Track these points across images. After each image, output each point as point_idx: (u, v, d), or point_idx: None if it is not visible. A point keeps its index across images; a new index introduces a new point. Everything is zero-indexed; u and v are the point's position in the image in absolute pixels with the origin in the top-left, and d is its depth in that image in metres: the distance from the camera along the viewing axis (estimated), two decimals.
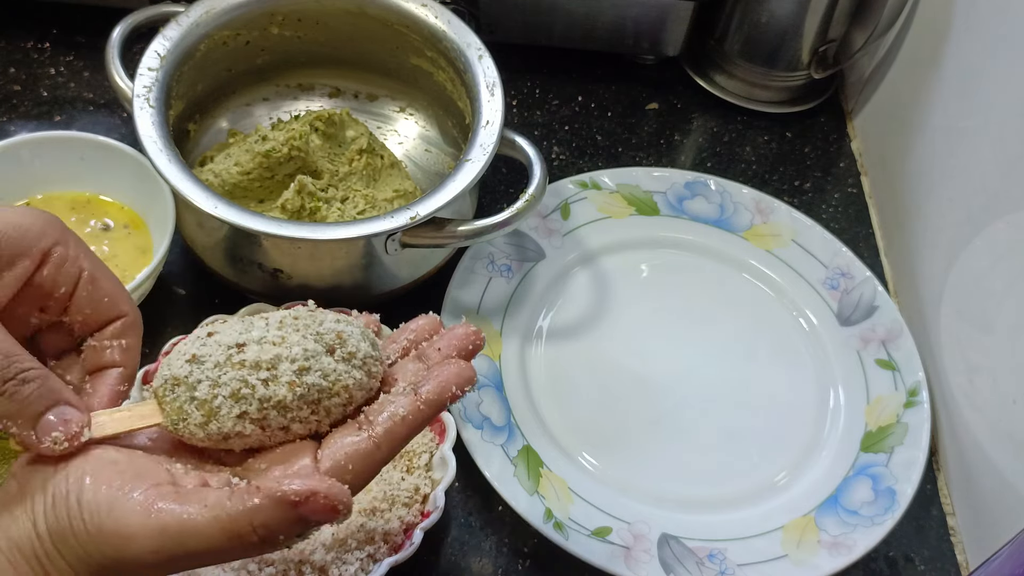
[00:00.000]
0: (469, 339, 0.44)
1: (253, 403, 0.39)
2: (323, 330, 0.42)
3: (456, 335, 0.44)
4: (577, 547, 0.57)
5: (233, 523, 0.35)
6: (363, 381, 0.41)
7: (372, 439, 0.39)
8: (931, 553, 0.63)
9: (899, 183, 0.76)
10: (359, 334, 0.42)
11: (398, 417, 0.40)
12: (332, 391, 0.40)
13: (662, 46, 0.83)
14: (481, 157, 0.61)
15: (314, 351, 0.41)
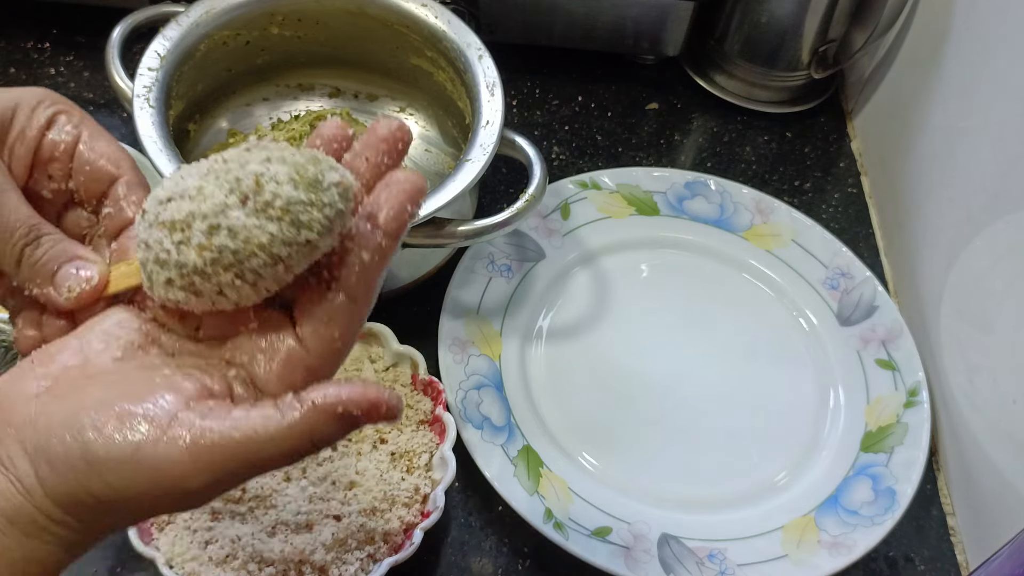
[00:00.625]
0: (396, 137, 0.38)
1: (172, 269, 0.35)
2: (242, 175, 0.35)
3: (380, 136, 0.38)
4: (577, 547, 0.57)
5: (294, 442, 0.33)
6: (287, 235, 0.34)
7: (347, 297, 0.36)
8: (931, 553, 0.63)
9: (899, 183, 0.76)
10: (287, 175, 0.35)
11: (365, 263, 0.36)
12: (246, 251, 0.34)
13: (662, 46, 0.83)
14: (481, 157, 0.61)
15: (223, 204, 0.34)
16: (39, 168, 0.40)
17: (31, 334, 0.39)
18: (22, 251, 0.38)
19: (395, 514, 0.55)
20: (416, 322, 0.66)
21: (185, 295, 0.36)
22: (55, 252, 0.38)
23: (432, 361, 0.63)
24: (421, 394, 0.60)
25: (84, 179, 0.40)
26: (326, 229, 0.35)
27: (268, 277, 0.35)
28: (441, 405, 0.59)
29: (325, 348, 0.36)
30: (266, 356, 0.36)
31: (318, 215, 0.34)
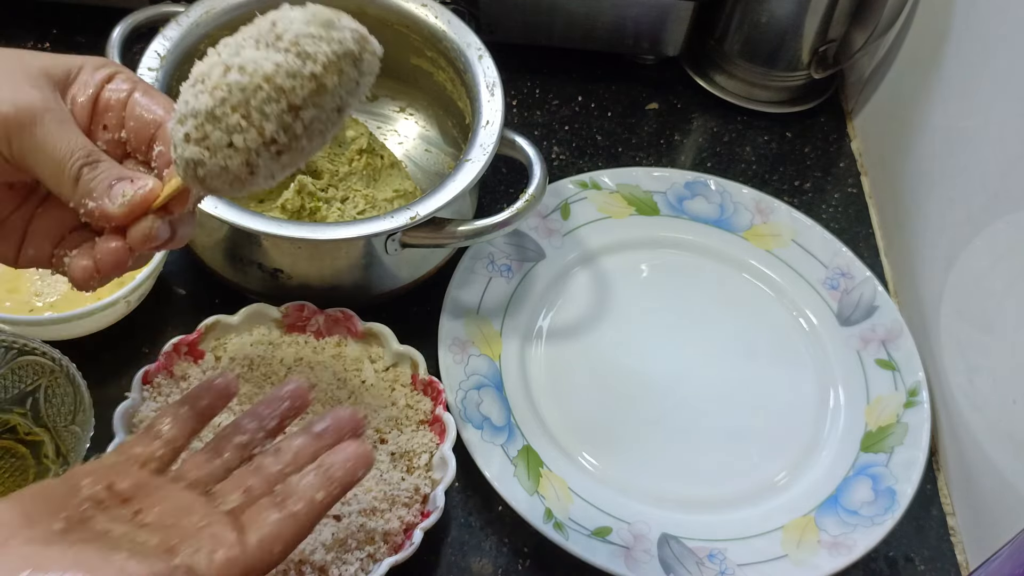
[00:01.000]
0: (357, 423, 0.47)
1: (188, 122, 0.36)
2: (262, 23, 0.35)
3: (343, 418, 0.47)
4: (577, 547, 0.57)
5: None
6: (291, 66, 0.34)
7: (296, 522, 0.41)
8: (931, 553, 0.63)
9: (899, 183, 0.76)
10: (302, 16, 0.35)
11: (315, 501, 0.42)
12: (252, 85, 0.34)
13: (662, 46, 0.83)
14: (481, 157, 0.61)
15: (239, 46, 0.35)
16: (96, 119, 0.42)
17: (84, 263, 0.42)
18: (80, 170, 0.40)
19: (395, 514, 0.55)
20: (416, 322, 0.66)
21: (199, 151, 0.36)
22: (112, 171, 0.41)
23: (432, 361, 0.63)
24: (421, 394, 0.60)
25: (134, 124, 0.42)
26: (332, 65, 0.35)
27: (273, 118, 0.35)
28: (441, 405, 0.59)
29: (265, 556, 0.40)
30: (209, 552, 0.39)
31: (325, 48, 0.35)
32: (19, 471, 0.57)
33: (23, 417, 0.58)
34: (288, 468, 0.44)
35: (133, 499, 0.41)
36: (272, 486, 0.43)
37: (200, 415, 0.47)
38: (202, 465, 0.45)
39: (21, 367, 0.57)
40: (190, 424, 0.46)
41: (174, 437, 0.45)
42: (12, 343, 0.57)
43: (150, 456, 0.44)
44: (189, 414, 0.46)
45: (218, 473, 0.44)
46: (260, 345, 0.60)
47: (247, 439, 0.46)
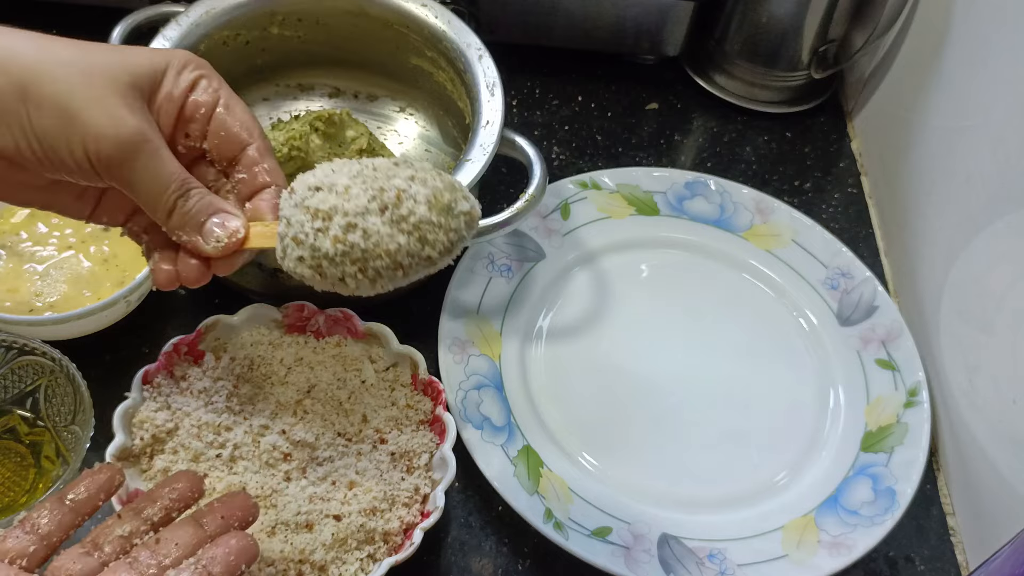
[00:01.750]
0: (248, 511, 0.46)
1: (306, 250, 0.40)
2: (387, 186, 0.40)
3: (235, 505, 0.46)
4: (577, 547, 0.57)
5: None
6: (412, 248, 0.40)
7: None
8: (931, 553, 0.63)
9: (899, 183, 0.76)
10: (424, 196, 0.40)
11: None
12: (374, 253, 0.39)
13: (662, 46, 0.83)
14: (481, 157, 0.61)
15: (364, 208, 0.39)
16: (180, 127, 0.43)
17: (167, 268, 0.44)
18: (175, 203, 0.42)
19: (395, 514, 0.55)
20: (416, 322, 0.66)
21: (311, 273, 0.41)
22: (203, 205, 0.42)
23: (432, 361, 0.63)
24: (421, 394, 0.60)
25: (219, 142, 0.43)
26: (447, 250, 0.41)
27: (386, 278, 0.40)
28: (441, 405, 0.59)
29: None
30: None
31: (443, 237, 0.40)
32: (19, 471, 0.57)
33: (23, 417, 0.58)
34: (166, 561, 0.43)
35: None
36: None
37: (78, 510, 0.45)
38: (77, 559, 0.43)
39: (21, 367, 0.57)
40: (68, 518, 0.44)
41: (49, 533, 0.43)
42: (12, 343, 0.57)
43: (21, 552, 0.42)
44: (68, 508, 0.44)
45: (92, 568, 0.42)
46: (260, 345, 0.60)
47: (128, 531, 0.44)
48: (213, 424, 0.56)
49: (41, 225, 0.65)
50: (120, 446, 0.54)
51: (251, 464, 0.55)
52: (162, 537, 0.44)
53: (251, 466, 0.55)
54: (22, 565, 0.42)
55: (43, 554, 0.43)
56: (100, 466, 0.46)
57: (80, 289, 0.63)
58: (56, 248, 0.64)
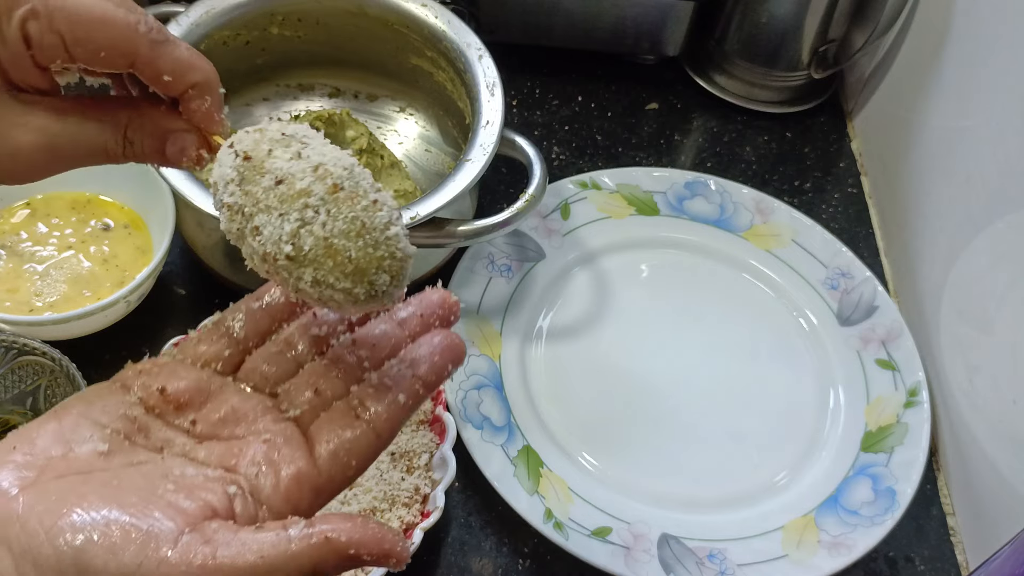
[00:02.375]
0: (449, 308, 0.40)
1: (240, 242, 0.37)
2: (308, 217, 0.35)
3: (433, 302, 0.40)
4: (577, 547, 0.57)
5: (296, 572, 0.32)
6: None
7: (374, 431, 0.36)
8: (931, 553, 0.63)
9: (899, 183, 0.76)
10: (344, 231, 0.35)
11: (398, 404, 0.37)
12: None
13: (662, 46, 0.83)
14: (481, 157, 0.61)
15: (279, 235, 0.35)
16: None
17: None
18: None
19: (395, 514, 0.55)
20: None
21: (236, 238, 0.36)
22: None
23: None
24: None
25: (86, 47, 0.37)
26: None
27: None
28: (441, 405, 0.59)
29: (339, 473, 0.35)
30: (275, 470, 0.35)
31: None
32: None
33: (23, 417, 0.58)
34: (366, 363, 0.38)
35: (189, 405, 0.37)
36: (347, 386, 0.38)
37: (274, 315, 0.40)
38: (271, 359, 0.39)
39: (21, 367, 0.57)
40: (264, 323, 0.40)
41: (245, 338, 0.39)
42: (12, 343, 0.57)
43: (215, 356, 0.39)
44: (264, 312, 0.40)
45: (288, 369, 0.39)
46: None
47: (325, 332, 0.39)
48: None
49: (41, 225, 0.65)
50: None
51: None
52: (359, 337, 0.39)
53: None
54: (217, 369, 0.39)
55: (238, 359, 0.39)
56: None
57: (80, 289, 0.63)
58: (56, 248, 0.64)
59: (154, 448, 0.35)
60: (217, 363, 0.39)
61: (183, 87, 0.37)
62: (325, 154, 0.35)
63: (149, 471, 0.34)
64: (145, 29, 0.36)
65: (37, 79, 0.37)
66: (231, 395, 0.37)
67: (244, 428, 0.36)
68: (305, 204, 0.34)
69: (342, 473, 0.35)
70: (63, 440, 0.34)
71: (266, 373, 0.38)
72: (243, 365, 0.39)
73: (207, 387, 0.37)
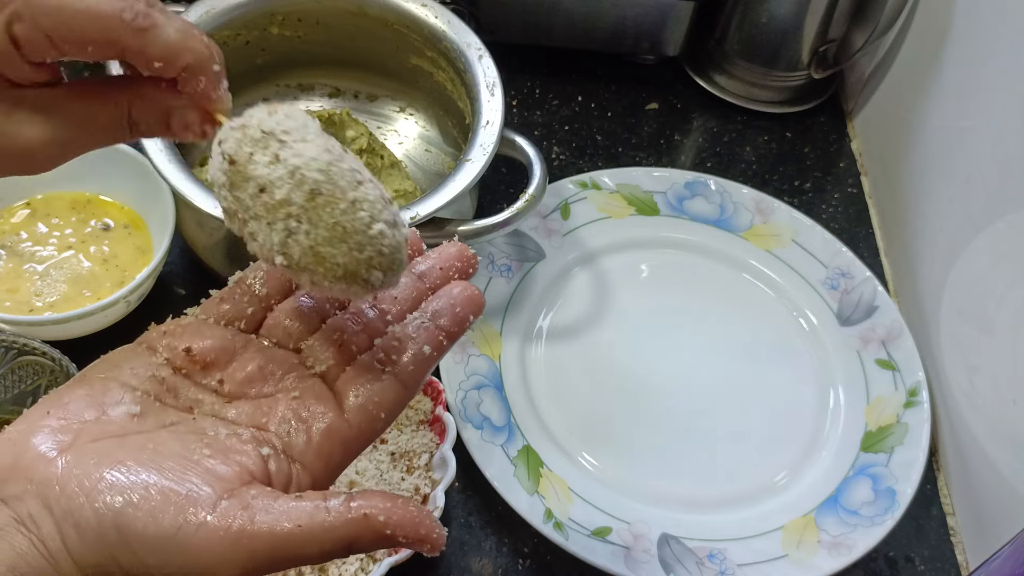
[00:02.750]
0: (467, 261, 0.40)
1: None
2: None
3: (451, 255, 0.40)
4: (577, 547, 0.57)
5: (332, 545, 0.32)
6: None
7: (400, 382, 0.36)
8: (931, 553, 0.63)
9: (899, 183, 0.76)
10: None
11: (423, 355, 0.37)
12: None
13: (662, 46, 0.83)
14: (481, 157, 0.61)
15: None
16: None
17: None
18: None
19: None
20: None
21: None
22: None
23: None
24: (421, 394, 0.60)
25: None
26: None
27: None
28: (441, 405, 0.59)
29: (368, 426, 0.36)
30: (306, 427, 0.35)
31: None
32: None
33: None
34: (388, 316, 0.39)
35: (215, 364, 0.37)
36: (371, 339, 0.38)
37: None
38: (293, 315, 0.39)
39: (21, 367, 0.57)
40: (285, 280, 0.40)
41: (268, 295, 0.39)
42: (12, 343, 0.57)
43: (238, 315, 0.39)
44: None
45: (312, 323, 0.39)
46: None
47: None
48: None
49: (41, 225, 0.65)
50: None
51: None
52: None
53: None
54: (240, 327, 0.38)
55: (261, 316, 0.39)
56: None
57: (80, 289, 0.63)
58: (56, 248, 0.64)
59: (184, 408, 0.35)
60: (240, 321, 0.39)
61: (175, 71, 0.36)
62: (302, 154, 0.34)
63: (183, 433, 0.34)
64: (130, 16, 0.34)
65: (34, 74, 0.37)
66: (256, 353, 0.37)
67: (271, 386, 0.37)
68: (288, 214, 0.34)
69: (371, 426, 0.36)
70: (96, 404, 0.34)
71: (289, 329, 0.38)
72: (265, 322, 0.39)
73: (232, 346, 0.38)
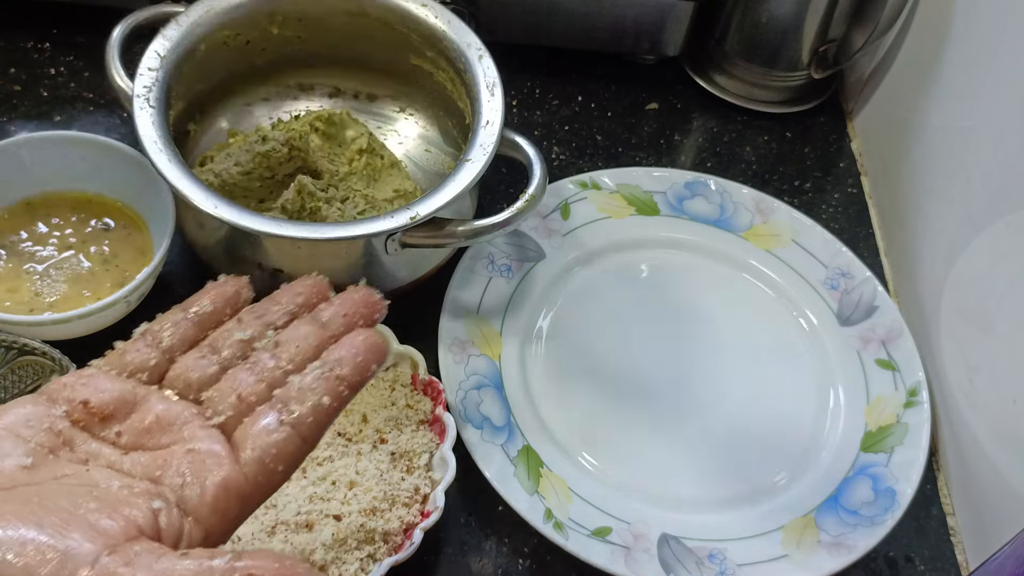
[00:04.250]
0: (373, 307, 0.41)
1: None
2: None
3: (356, 301, 0.41)
4: (577, 547, 0.57)
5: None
6: None
7: (299, 435, 0.36)
8: (931, 553, 0.63)
9: (899, 183, 0.76)
10: None
11: (322, 407, 0.37)
12: None
13: (662, 46, 0.83)
14: (481, 157, 0.61)
15: None
16: None
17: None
18: None
19: (395, 514, 0.55)
20: (416, 322, 0.66)
21: None
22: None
23: (432, 361, 0.63)
24: (421, 394, 0.60)
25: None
26: None
27: None
28: (441, 405, 0.59)
29: (265, 479, 0.35)
30: (200, 480, 0.34)
31: None
32: None
33: None
34: (289, 366, 0.39)
35: (114, 417, 0.36)
36: (271, 389, 0.38)
37: (202, 324, 0.41)
38: (195, 365, 0.39)
39: (21, 367, 0.57)
40: (191, 332, 0.40)
41: (171, 347, 0.39)
42: (12, 343, 0.57)
43: (141, 366, 0.39)
44: (191, 322, 0.40)
45: (212, 374, 0.39)
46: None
47: (249, 335, 0.40)
48: None
49: (41, 225, 0.65)
50: None
51: None
52: (282, 339, 0.40)
53: None
54: (142, 379, 0.38)
55: (164, 367, 0.39)
56: (226, 278, 0.42)
57: (80, 289, 0.63)
58: (56, 248, 0.64)
59: (79, 461, 0.35)
60: (143, 373, 0.39)
61: None
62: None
63: (73, 486, 0.33)
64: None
65: None
66: (156, 404, 0.37)
67: (169, 437, 0.36)
68: None
69: (268, 479, 0.35)
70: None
71: (190, 379, 0.39)
72: (168, 373, 0.39)
73: (132, 397, 0.37)
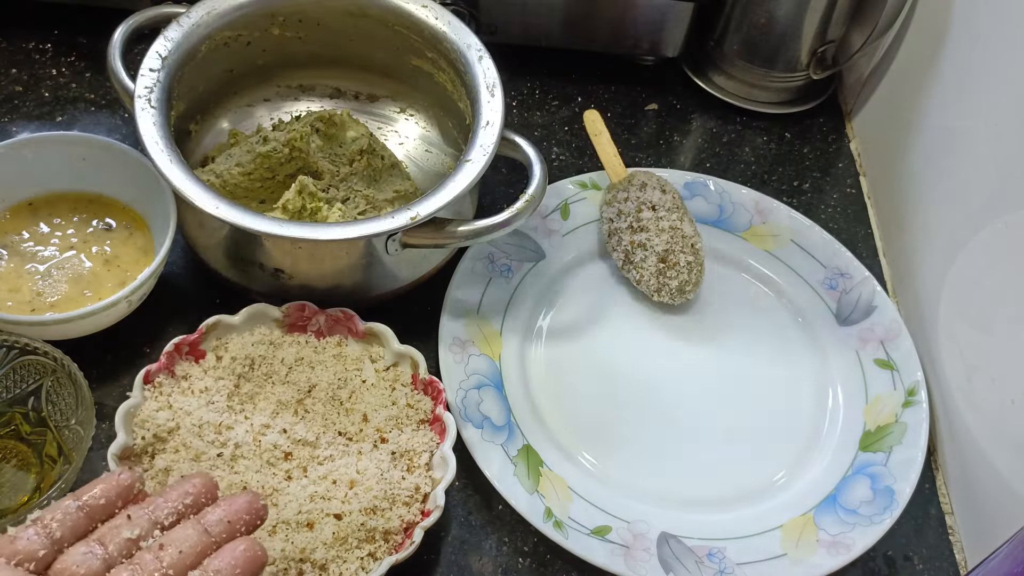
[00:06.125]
0: (256, 514, 0.44)
1: None
2: None
3: (240, 507, 0.44)
4: (577, 546, 0.57)
5: None
6: None
7: None
8: (929, 552, 0.63)
9: (898, 183, 0.77)
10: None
11: None
12: None
13: (662, 47, 0.83)
14: (481, 158, 0.61)
15: None
16: None
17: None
18: None
19: (395, 513, 0.55)
20: (416, 322, 0.66)
21: None
22: None
23: (432, 361, 0.63)
24: (421, 394, 0.60)
25: None
26: None
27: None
28: (441, 404, 0.59)
29: None
30: None
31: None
32: (21, 470, 0.57)
33: (25, 416, 0.58)
34: (170, 571, 0.41)
35: None
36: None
37: (93, 515, 0.43)
38: (80, 561, 0.41)
39: (23, 367, 0.58)
40: (82, 523, 0.43)
41: (61, 537, 0.42)
42: (14, 343, 0.57)
43: (30, 556, 0.41)
44: (83, 514, 0.43)
45: (96, 570, 0.41)
46: (261, 345, 0.60)
47: (137, 534, 0.43)
48: (214, 423, 0.56)
49: (43, 225, 0.66)
50: (122, 445, 0.54)
51: (252, 463, 0.55)
52: (166, 542, 0.42)
53: (252, 465, 0.55)
54: (30, 569, 0.40)
55: (52, 558, 0.42)
56: (121, 471, 0.45)
57: (81, 289, 0.63)
58: (58, 248, 0.65)
59: None
60: (31, 562, 0.41)
61: None
62: None
63: None
64: None
65: None
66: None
67: None
68: None
69: None
70: None
71: (75, 574, 0.41)
72: (54, 564, 0.41)
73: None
